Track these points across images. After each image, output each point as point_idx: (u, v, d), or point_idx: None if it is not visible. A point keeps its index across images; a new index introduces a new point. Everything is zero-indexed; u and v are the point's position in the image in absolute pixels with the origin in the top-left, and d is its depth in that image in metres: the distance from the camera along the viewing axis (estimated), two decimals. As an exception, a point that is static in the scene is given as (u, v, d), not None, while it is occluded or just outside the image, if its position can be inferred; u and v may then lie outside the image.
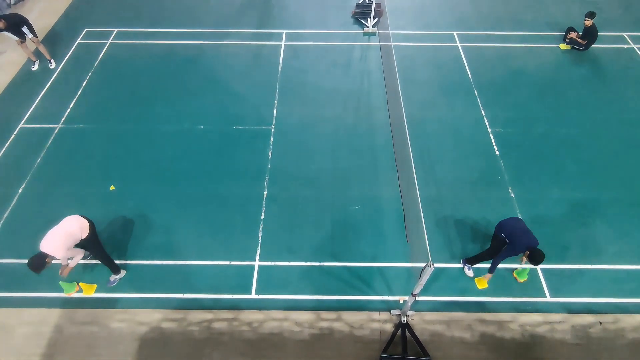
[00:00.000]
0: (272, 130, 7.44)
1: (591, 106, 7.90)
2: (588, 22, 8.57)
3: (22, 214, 6.24)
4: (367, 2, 9.95)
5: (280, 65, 8.68)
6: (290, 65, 8.69)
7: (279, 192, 6.54)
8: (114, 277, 5.47)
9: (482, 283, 5.50)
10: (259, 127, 7.48)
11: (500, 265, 5.71)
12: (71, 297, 5.38)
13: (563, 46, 9.11)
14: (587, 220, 6.20)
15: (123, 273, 5.56)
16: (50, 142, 7.19)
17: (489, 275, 5.37)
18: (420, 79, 8.41)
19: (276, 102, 7.94)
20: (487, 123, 7.58)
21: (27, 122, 7.51)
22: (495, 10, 10.15)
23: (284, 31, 9.53)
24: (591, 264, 5.72)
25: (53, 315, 5.23)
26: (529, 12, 10.09)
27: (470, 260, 5.57)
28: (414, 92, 8.10)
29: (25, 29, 7.98)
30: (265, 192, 6.52)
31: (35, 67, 8.50)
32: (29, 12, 9.97)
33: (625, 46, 9.17)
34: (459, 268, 5.69)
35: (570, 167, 6.88)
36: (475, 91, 8.15)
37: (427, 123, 7.58)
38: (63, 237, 4.60)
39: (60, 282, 5.32)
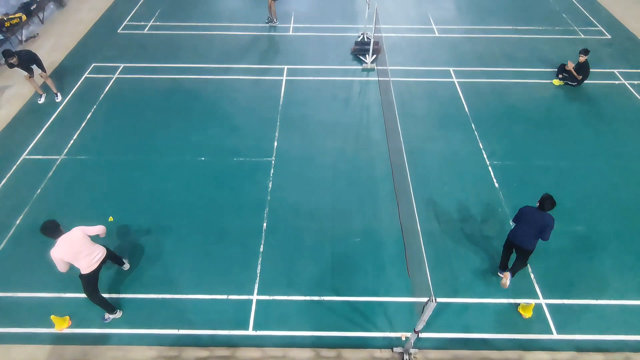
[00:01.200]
0: (273, 162, 7.51)
1: (587, 140, 8.01)
2: (582, 58, 8.88)
3: (17, 246, 6.17)
4: (366, 39, 10.35)
5: (281, 99, 8.89)
6: (291, 99, 8.89)
7: (279, 224, 6.50)
8: (108, 316, 5.31)
9: (527, 311, 5.34)
10: (259, 159, 7.55)
11: (504, 301, 5.59)
12: (62, 333, 5.20)
13: (556, 82, 9.37)
14: (591, 253, 6.13)
15: (119, 314, 5.38)
16: (51, 173, 7.22)
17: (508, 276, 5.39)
18: (418, 113, 8.58)
19: (277, 134, 8.06)
20: (485, 156, 7.66)
21: (30, 154, 7.58)
22: (489, 47, 10.54)
23: (285, 66, 9.83)
24: (597, 299, 5.59)
25: (42, 352, 5.04)
26: (521, 50, 10.47)
27: (513, 272, 5.45)
28: (412, 126, 8.24)
29: (34, 66, 8.23)
30: (265, 224, 6.48)
31: (42, 100, 8.70)
32: (40, 48, 10.33)
33: (616, 82, 9.45)
34: (462, 303, 5.55)
35: (571, 200, 6.88)
36: (473, 125, 8.30)
37: (426, 155, 7.66)
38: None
39: (52, 317, 5.17)
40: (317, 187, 7.08)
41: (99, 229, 5.05)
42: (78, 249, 4.73)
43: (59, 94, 8.79)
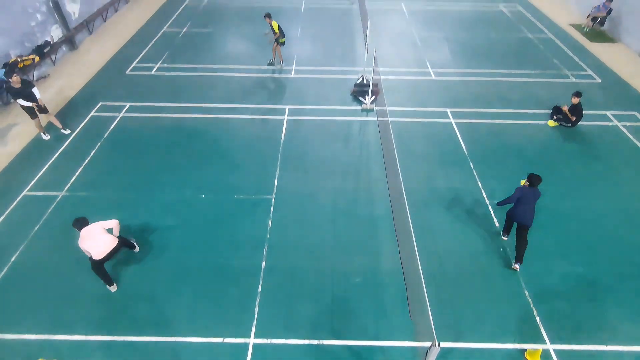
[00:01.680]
0: (273, 199, 7.52)
1: (586, 180, 8.08)
2: (575, 100, 9.15)
3: (9, 285, 6.03)
4: (365, 81, 10.72)
5: (282, 138, 9.05)
6: (292, 138, 9.06)
7: (278, 263, 6.40)
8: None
9: (535, 356, 5.15)
10: (259, 197, 7.57)
11: (511, 346, 5.39)
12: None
13: (551, 123, 9.60)
14: (597, 296, 5.98)
15: (114, 288, 5.94)
16: (50, 210, 7.21)
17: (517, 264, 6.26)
18: (417, 152, 8.72)
19: (277, 172, 8.14)
20: (484, 195, 7.68)
21: (31, 190, 7.61)
22: (484, 89, 10.89)
23: (287, 106, 10.11)
24: (606, 345, 5.39)
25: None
26: (515, 92, 10.81)
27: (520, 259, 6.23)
28: (411, 165, 8.34)
29: (35, 90, 8.37)
30: (264, 263, 6.38)
31: (47, 137, 8.86)
32: (50, 88, 10.68)
33: (609, 124, 9.67)
34: (467, 348, 5.34)
35: (574, 241, 6.82)
36: (471, 164, 8.40)
37: (425, 194, 7.68)
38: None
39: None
40: (317, 225, 7.04)
41: (113, 223, 5.98)
42: (95, 241, 5.70)
43: (66, 129, 8.97)
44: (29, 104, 8.29)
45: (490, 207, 7.42)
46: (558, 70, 11.94)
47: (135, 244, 6.50)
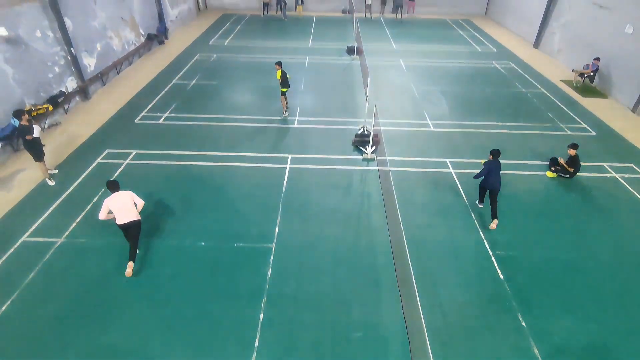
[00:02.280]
0: (273, 248, 7.43)
1: (587, 232, 8.02)
2: (572, 152, 9.33)
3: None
4: (366, 132, 11.03)
5: (284, 186, 9.14)
6: (293, 187, 9.15)
7: (276, 315, 6.18)
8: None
9: None
10: (259, 245, 7.49)
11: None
12: None
13: (550, 174, 9.72)
14: (611, 355, 5.68)
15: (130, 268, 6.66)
16: (47, 257, 7.12)
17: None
18: (418, 202, 8.75)
19: (278, 220, 8.12)
20: (487, 246, 7.59)
21: (30, 236, 7.57)
22: (481, 141, 11.16)
23: (289, 155, 10.32)
24: (626, 412, 5.03)
25: None
26: (512, 144, 11.07)
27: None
28: (412, 214, 8.33)
29: (35, 127, 8.49)
30: (262, 315, 6.16)
31: (53, 183, 8.97)
32: (60, 135, 11.01)
33: (608, 175, 9.78)
34: (476, 413, 4.98)
35: (580, 294, 6.62)
36: (472, 214, 8.39)
37: (427, 244, 7.59)
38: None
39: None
40: (318, 275, 6.89)
41: (141, 201, 6.72)
42: (120, 205, 6.50)
43: (51, 179, 9.04)
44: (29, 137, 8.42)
45: (493, 258, 7.30)
46: (553, 123, 12.31)
47: (135, 255, 6.81)
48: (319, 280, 6.80)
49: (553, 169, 9.70)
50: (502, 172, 8.12)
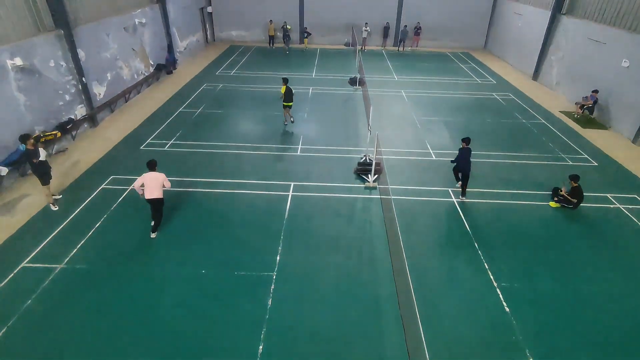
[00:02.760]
0: (274, 277, 7.34)
1: (594, 264, 7.90)
2: (574, 184, 9.34)
3: (-9, 364, 5.66)
4: (368, 160, 11.12)
5: (286, 214, 9.14)
6: (296, 214, 9.14)
7: (276, 346, 6.01)
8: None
9: None
10: (260, 274, 7.40)
11: None
12: None
13: (553, 204, 9.68)
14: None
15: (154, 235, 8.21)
16: (46, 283, 7.05)
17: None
18: (420, 231, 8.69)
19: (280, 248, 8.06)
20: (492, 277, 7.46)
21: (30, 262, 7.53)
22: (483, 170, 11.21)
23: (292, 183, 10.38)
24: None
25: None
26: (514, 174, 11.11)
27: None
28: (415, 243, 8.26)
29: (41, 151, 8.66)
30: (261, 347, 6.00)
31: (56, 208, 9.02)
32: (66, 161, 11.17)
33: (611, 206, 9.74)
34: None
35: (591, 330, 6.44)
36: (476, 244, 8.31)
37: (430, 275, 7.48)
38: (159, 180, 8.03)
39: None
40: (319, 306, 6.76)
41: (168, 184, 8.14)
42: (150, 182, 7.91)
43: (55, 204, 9.12)
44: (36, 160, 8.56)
45: (498, 290, 7.16)
46: (554, 153, 12.39)
47: (156, 228, 8.32)
48: (320, 311, 6.66)
49: (556, 199, 9.68)
50: (508, 201, 8.12)
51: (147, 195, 7.97)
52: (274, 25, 24.88)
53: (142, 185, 7.91)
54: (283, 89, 13.23)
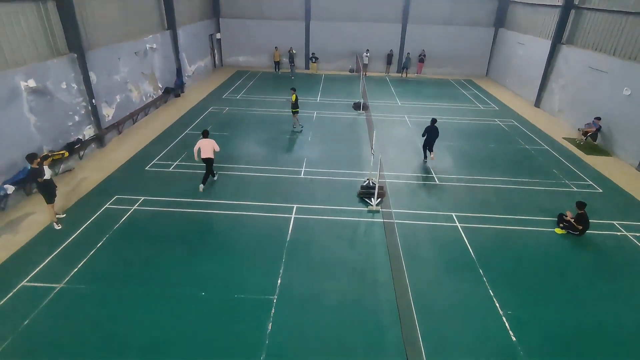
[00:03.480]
0: (275, 300, 7.22)
1: (601, 292, 7.72)
2: (580, 210, 9.25)
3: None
4: (371, 184, 11.14)
5: (288, 236, 9.09)
6: (298, 237, 9.09)
7: (275, 374, 5.85)
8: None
9: None
10: (261, 297, 7.28)
11: None
12: None
13: (558, 230, 9.57)
14: None
15: (201, 188, 10.86)
16: (45, 302, 6.98)
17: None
18: (423, 256, 8.58)
19: (281, 271, 7.97)
20: (497, 304, 7.30)
21: (30, 280, 7.48)
22: (487, 196, 11.17)
23: (295, 205, 10.37)
24: None
25: None
26: (519, 199, 11.04)
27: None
28: (418, 269, 8.14)
29: (46, 169, 8.75)
30: (260, 374, 5.83)
31: (59, 227, 9.04)
32: (72, 180, 11.28)
33: (618, 233, 9.60)
34: None
35: (599, 361, 6.22)
36: (481, 270, 8.17)
37: (434, 301, 7.33)
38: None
39: None
40: (320, 332, 6.60)
41: (217, 148, 10.76)
42: (205, 146, 10.58)
43: (59, 223, 9.16)
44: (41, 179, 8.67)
45: (504, 318, 6.98)
46: (558, 179, 12.35)
47: (215, 175, 11.53)
48: (321, 337, 6.50)
49: (561, 225, 9.57)
50: (513, 227, 8.04)
51: (203, 155, 10.69)
52: (279, 52, 25.59)
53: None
54: (294, 98, 15.23)
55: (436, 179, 12.08)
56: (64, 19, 11.77)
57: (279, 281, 7.70)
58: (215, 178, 11.53)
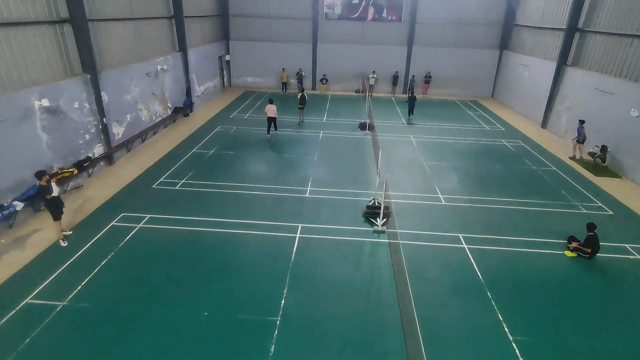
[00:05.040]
0: (278, 322, 7.09)
1: (614, 318, 7.47)
2: (590, 233, 9.08)
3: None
4: (377, 204, 11.08)
5: (293, 256, 9.01)
6: (303, 257, 9.01)
7: (277, 399, 5.68)
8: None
9: None
10: (264, 318, 7.17)
11: None
12: None
13: (568, 253, 9.37)
14: None
15: (270, 136, 16.73)
16: (47, 320, 6.93)
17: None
18: (430, 278, 8.43)
19: (285, 292, 7.86)
20: (507, 330, 7.09)
21: (34, 298, 7.46)
22: (495, 217, 11.03)
23: (300, 225, 10.32)
24: None
25: None
26: (527, 221, 10.88)
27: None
28: (424, 291, 7.98)
29: (54, 186, 8.84)
30: (261, 399, 5.67)
31: (65, 244, 9.08)
32: (79, 198, 11.40)
33: (630, 257, 9.37)
34: None
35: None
36: (489, 293, 7.98)
37: (441, 326, 7.14)
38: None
39: None
40: (324, 355, 6.45)
41: (275, 113, 16.88)
42: (271, 108, 16.73)
43: (64, 240, 9.21)
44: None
45: (514, 344, 6.77)
46: (567, 201, 12.19)
47: (269, 130, 17.20)
48: (324, 360, 6.35)
49: (572, 248, 9.38)
50: (521, 249, 7.88)
51: (269, 115, 16.77)
52: (287, 73, 26.08)
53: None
54: (299, 95, 19.35)
55: (442, 200, 11.99)
56: (79, 41, 12.18)
57: (283, 302, 7.59)
58: (275, 131, 17.61)
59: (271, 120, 17.03)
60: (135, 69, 15.64)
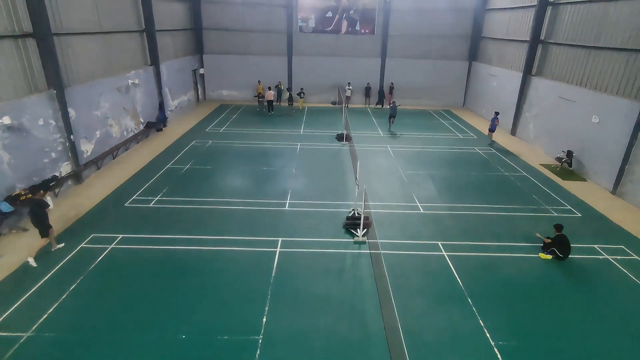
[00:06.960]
0: (260, 341, 6.88)
1: (590, 318, 7.69)
2: (557, 232, 9.48)
3: None
4: (357, 214, 11.07)
5: (274, 271, 8.82)
6: (284, 271, 8.84)
7: (261, 423, 5.46)
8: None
9: None
10: (245, 338, 6.93)
11: None
12: None
13: (543, 255, 9.63)
14: None
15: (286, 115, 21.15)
16: (8, 355, 6.44)
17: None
18: (412, 287, 8.43)
19: (267, 309, 7.66)
20: (488, 335, 7.15)
21: (-6, 329, 6.94)
22: (471, 223, 11.24)
23: (280, 238, 10.16)
24: None
25: None
26: (501, 226, 11.15)
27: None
28: (407, 300, 7.97)
29: (49, 199, 8.74)
30: None
31: (34, 264, 8.61)
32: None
33: (600, 257, 9.73)
34: None
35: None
36: (470, 300, 8.06)
37: (424, 334, 7.12)
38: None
39: None
40: (308, 373, 6.28)
41: (273, 97, 23.90)
42: (270, 95, 23.51)
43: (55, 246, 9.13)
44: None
45: (495, 348, 6.82)
46: (538, 205, 12.59)
47: (272, 108, 23.81)
48: (309, 378, 6.18)
49: (547, 251, 9.65)
50: (498, 254, 8.02)
51: (267, 98, 22.98)
52: (262, 85, 25.97)
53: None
54: (287, 96, 24.53)
55: (420, 208, 12.13)
56: (43, 56, 11.72)
57: (264, 319, 7.38)
58: (272, 113, 23.38)
59: (270, 103, 23.20)
60: (105, 84, 15.18)
